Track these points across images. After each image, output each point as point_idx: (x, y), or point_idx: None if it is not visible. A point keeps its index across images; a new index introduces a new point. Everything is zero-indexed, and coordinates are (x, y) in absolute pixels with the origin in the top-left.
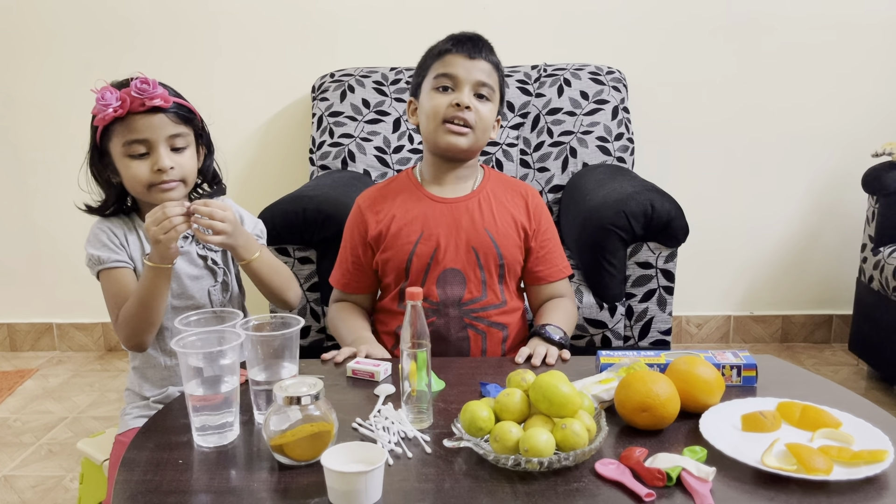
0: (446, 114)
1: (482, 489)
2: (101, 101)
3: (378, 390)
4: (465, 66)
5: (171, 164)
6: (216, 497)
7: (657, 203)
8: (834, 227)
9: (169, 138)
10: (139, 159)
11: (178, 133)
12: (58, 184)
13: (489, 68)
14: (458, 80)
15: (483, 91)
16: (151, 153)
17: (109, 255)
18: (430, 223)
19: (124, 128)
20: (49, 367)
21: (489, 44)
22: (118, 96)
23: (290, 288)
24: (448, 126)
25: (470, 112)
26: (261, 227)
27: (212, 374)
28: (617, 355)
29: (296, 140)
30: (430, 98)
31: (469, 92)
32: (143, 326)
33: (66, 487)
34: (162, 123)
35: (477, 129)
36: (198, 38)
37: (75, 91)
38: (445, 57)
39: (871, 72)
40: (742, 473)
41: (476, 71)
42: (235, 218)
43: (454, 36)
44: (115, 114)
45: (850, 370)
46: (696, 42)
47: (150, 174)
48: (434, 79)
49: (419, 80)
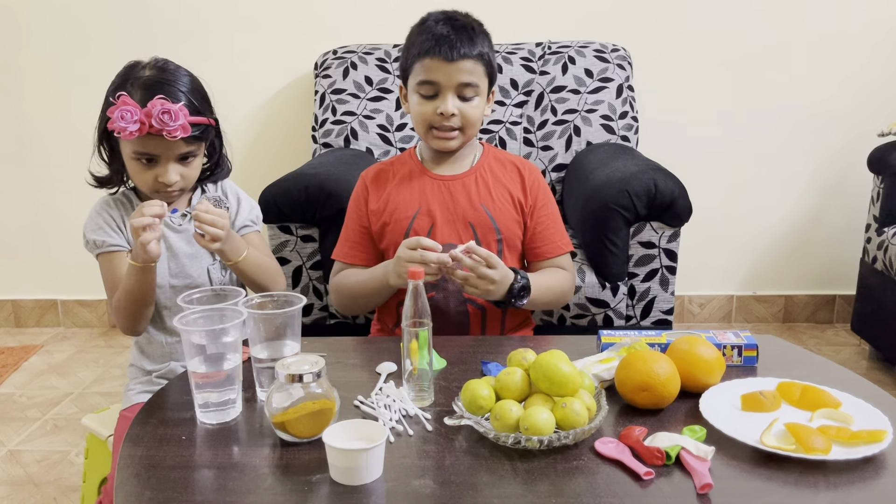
0: (432, 121)
1: (482, 467)
2: (120, 120)
3: (380, 368)
4: (446, 71)
5: (177, 178)
6: (219, 472)
7: (660, 182)
8: (838, 207)
9: (179, 154)
10: (146, 166)
11: (190, 150)
12: (61, 159)
13: (471, 65)
14: (439, 87)
15: (467, 92)
16: (159, 164)
17: (105, 239)
18: (427, 199)
19: (137, 141)
20: (54, 343)
21: (470, 32)
22: (138, 118)
23: (276, 283)
24: (435, 132)
25: (455, 118)
26: (256, 213)
27: (214, 351)
28: (618, 335)
29: (298, 118)
30: (415, 103)
31: (452, 97)
32: (133, 316)
33: (71, 462)
34: (175, 145)
35: (465, 128)
36: (200, 14)
37: (75, 63)
38: (425, 60)
39: (877, 52)
40: (741, 452)
41: (457, 73)
42: (228, 224)
43: (433, 32)
44: (131, 136)
45: (852, 350)
46: (702, 20)
47: (155, 182)
48: (417, 84)
49: (405, 71)
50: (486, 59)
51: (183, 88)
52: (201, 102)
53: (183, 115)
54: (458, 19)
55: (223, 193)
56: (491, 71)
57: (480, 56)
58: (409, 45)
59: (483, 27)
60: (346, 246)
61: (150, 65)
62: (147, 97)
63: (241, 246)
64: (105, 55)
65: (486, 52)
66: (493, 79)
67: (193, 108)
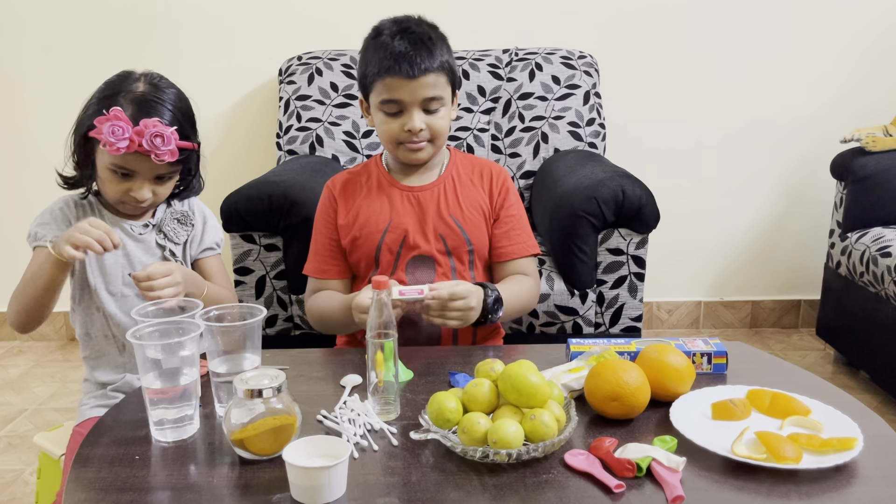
0: (400, 138)
1: (450, 482)
2: (111, 135)
3: (344, 381)
4: (409, 88)
5: (149, 196)
6: (174, 494)
7: (628, 189)
8: (802, 213)
9: (156, 174)
10: (121, 179)
11: (169, 171)
12: (10, 164)
13: (433, 78)
14: (404, 104)
15: (432, 105)
16: (134, 179)
17: (47, 235)
18: (397, 212)
19: (119, 156)
20: (9, 357)
21: (428, 44)
22: (129, 136)
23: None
24: (406, 145)
25: (424, 132)
26: (220, 235)
27: (170, 366)
28: (587, 343)
29: (262, 124)
30: (380, 122)
31: (418, 112)
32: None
33: (25, 481)
34: (156, 166)
35: (435, 139)
36: (162, 20)
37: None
38: (386, 79)
39: (841, 59)
40: (712, 463)
41: (420, 90)
42: (178, 269)
43: (391, 50)
44: (118, 153)
45: (818, 355)
46: (667, 28)
47: (126, 195)
48: (380, 103)
49: (365, 88)
50: (448, 67)
51: (174, 110)
52: (189, 126)
53: (174, 140)
54: (413, 30)
55: (190, 210)
56: (453, 78)
57: (441, 67)
58: (367, 62)
59: (438, 31)
60: (316, 261)
61: (143, 79)
62: (138, 114)
63: (199, 284)
64: (64, 58)
65: (445, 59)
66: (456, 84)
67: (182, 132)
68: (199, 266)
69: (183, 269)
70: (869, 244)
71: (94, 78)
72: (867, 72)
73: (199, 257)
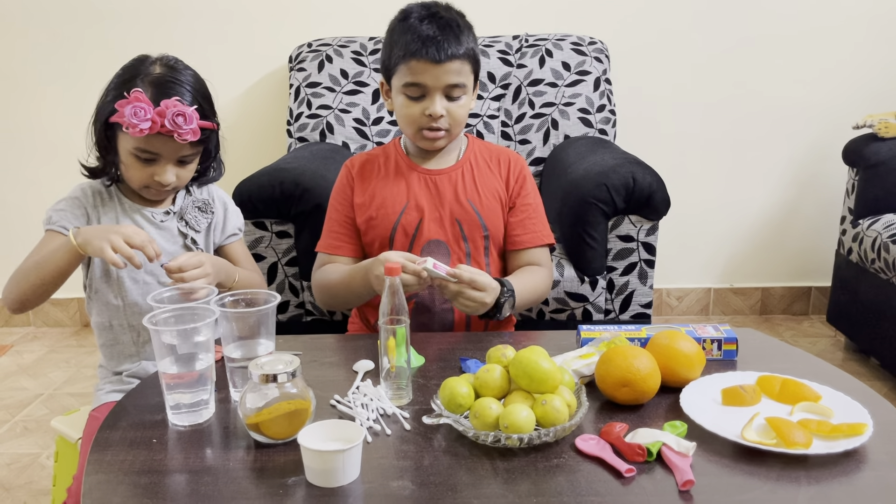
0: (420, 122)
1: (462, 466)
2: (133, 116)
3: (357, 366)
4: (433, 74)
5: (173, 179)
6: (191, 476)
7: (639, 176)
8: (813, 199)
9: (180, 156)
10: (144, 164)
11: (191, 153)
12: (27, 156)
13: (459, 65)
14: (427, 89)
15: (454, 92)
16: (157, 164)
17: (61, 221)
18: (414, 194)
19: (142, 139)
20: (24, 343)
21: (456, 30)
22: (151, 116)
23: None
24: (424, 133)
25: (444, 118)
26: (241, 220)
27: (186, 351)
28: (598, 329)
29: (273, 112)
30: (401, 105)
31: (440, 98)
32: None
33: (42, 465)
34: (179, 147)
35: (452, 128)
36: (172, 9)
37: (43, 56)
38: (411, 62)
39: (853, 45)
40: (722, 448)
41: (445, 75)
42: (209, 259)
43: (419, 32)
44: (141, 134)
45: (828, 342)
46: (679, 14)
47: (150, 179)
48: (403, 86)
49: (388, 70)
50: (473, 56)
51: (193, 90)
52: (208, 106)
53: (195, 119)
54: (441, 15)
55: (210, 198)
56: (477, 67)
57: (467, 54)
58: (392, 44)
59: (465, 19)
60: (329, 237)
61: (159, 61)
62: (157, 95)
63: (230, 271)
64: (75, 50)
65: (471, 47)
66: (478, 74)
67: (202, 111)
68: (225, 252)
69: (213, 258)
70: (881, 231)
71: (106, 68)
72: (880, 57)
73: (223, 243)
